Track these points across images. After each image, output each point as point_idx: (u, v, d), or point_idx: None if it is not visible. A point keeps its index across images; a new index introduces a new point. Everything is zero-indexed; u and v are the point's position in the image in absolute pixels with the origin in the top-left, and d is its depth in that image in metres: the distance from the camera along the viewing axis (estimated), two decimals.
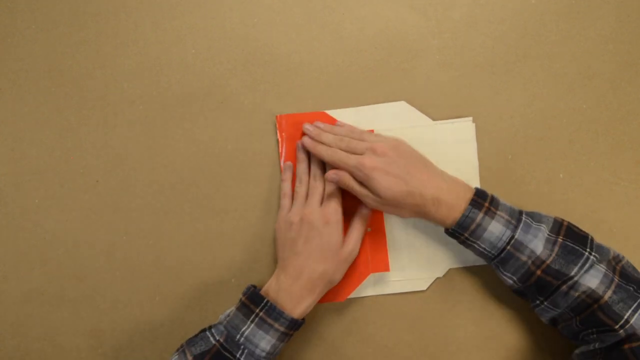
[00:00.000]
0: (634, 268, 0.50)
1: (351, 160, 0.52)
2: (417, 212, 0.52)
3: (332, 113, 0.59)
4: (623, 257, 0.50)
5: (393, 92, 0.59)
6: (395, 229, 0.58)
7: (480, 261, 0.58)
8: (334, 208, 0.53)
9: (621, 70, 0.58)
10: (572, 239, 0.49)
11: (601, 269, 0.47)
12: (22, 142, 0.60)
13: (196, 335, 0.51)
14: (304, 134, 0.58)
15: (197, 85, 0.60)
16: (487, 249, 0.50)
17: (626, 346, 0.45)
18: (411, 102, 0.59)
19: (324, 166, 0.57)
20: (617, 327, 0.46)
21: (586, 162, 0.59)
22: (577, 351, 0.49)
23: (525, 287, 0.50)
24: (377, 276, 0.58)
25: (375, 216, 0.58)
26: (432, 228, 0.58)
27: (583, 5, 0.59)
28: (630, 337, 0.45)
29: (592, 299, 0.47)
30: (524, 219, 0.50)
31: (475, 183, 0.58)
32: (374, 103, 0.59)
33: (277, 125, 0.59)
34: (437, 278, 0.58)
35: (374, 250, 0.58)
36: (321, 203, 0.54)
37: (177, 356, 0.50)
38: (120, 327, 0.60)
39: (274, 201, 0.59)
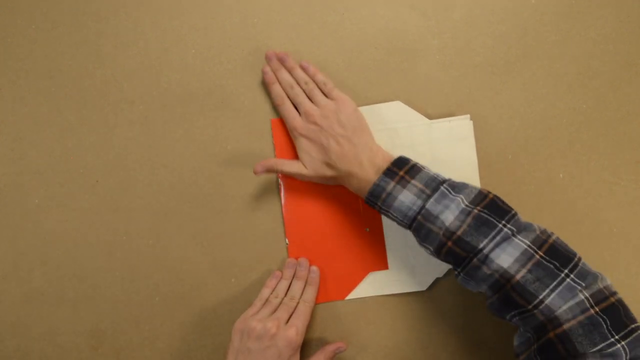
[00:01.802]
0: (565, 245, 0.46)
1: (286, 121, 0.56)
2: (336, 181, 0.56)
3: None
4: (553, 234, 0.46)
5: (393, 92, 0.59)
6: (394, 229, 0.58)
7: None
8: (302, 331, 0.53)
9: (621, 70, 0.58)
10: (490, 211, 0.47)
11: (521, 244, 0.45)
12: (22, 142, 0.60)
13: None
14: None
15: (197, 85, 0.60)
16: (398, 217, 0.50)
17: (551, 334, 0.42)
18: (411, 102, 0.59)
19: (302, 286, 0.57)
20: (530, 307, 0.43)
21: (586, 162, 0.59)
22: (515, 342, 0.47)
23: (441, 257, 0.49)
24: (377, 276, 0.58)
25: (373, 216, 0.58)
26: None
27: (583, 5, 0.59)
28: (552, 321, 0.42)
29: (504, 279, 0.44)
30: (441, 188, 0.48)
31: (475, 181, 0.58)
32: (374, 103, 0.59)
33: (272, 129, 0.59)
34: (437, 278, 0.58)
35: (372, 249, 0.58)
36: (287, 321, 0.53)
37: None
38: (120, 327, 0.60)
39: (274, 201, 0.59)
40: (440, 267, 0.58)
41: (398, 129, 0.58)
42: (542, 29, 0.59)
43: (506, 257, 0.44)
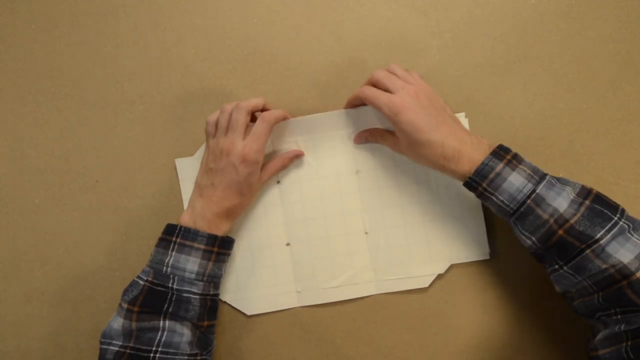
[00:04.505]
0: None
1: (383, 97, 0.51)
2: (435, 162, 0.51)
3: (330, 113, 0.58)
4: None
5: None
6: (396, 226, 0.58)
7: (481, 256, 0.58)
8: (255, 148, 0.52)
9: (621, 70, 0.58)
10: (601, 204, 0.46)
11: (639, 242, 0.43)
12: (22, 142, 0.60)
13: (127, 286, 0.52)
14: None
15: (197, 85, 0.60)
16: (505, 201, 0.47)
17: None
18: None
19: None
20: None
21: (586, 162, 0.59)
22: (599, 336, 0.45)
23: (545, 249, 0.47)
24: (378, 275, 0.58)
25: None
26: (432, 224, 0.58)
27: (583, 5, 0.59)
28: None
29: (621, 275, 0.43)
30: (548, 177, 0.47)
31: None
32: None
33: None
34: (439, 274, 0.58)
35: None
36: (243, 138, 0.53)
37: (115, 312, 0.51)
38: None
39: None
40: (442, 264, 0.58)
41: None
42: (542, 29, 0.59)
43: (625, 252, 0.43)
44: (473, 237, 0.58)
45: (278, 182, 0.59)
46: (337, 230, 0.59)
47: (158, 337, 0.50)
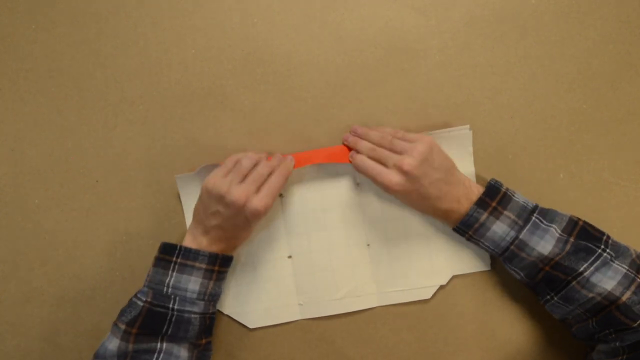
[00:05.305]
0: None
1: (376, 175, 0.52)
2: (429, 214, 0.56)
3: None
4: None
5: (393, 92, 0.59)
6: (397, 238, 0.58)
7: (483, 267, 0.58)
8: (269, 203, 0.51)
9: (621, 70, 0.58)
10: (585, 238, 0.48)
11: (621, 268, 0.47)
12: (22, 142, 0.60)
13: (125, 306, 0.51)
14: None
15: (197, 85, 0.60)
16: (490, 247, 0.51)
17: None
18: (411, 102, 0.59)
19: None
20: (635, 325, 0.45)
21: (586, 162, 0.59)
22: (598, 348, 0.49)
23: (534, 282, 0.51)
24: (380, 287, 0.58)
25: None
26: (434, 235, 0.58)
27: (583, 5, 0.59)
28: None
29: (608, 301, 0.46)
30: (533, 218, 0.49)
31: None
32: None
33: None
34: (441, 286, 0.58)
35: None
36: (257, 190, 0.52)
37: (109, 332, 0.50)
38: None
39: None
40: (444, 275, 0.58)
41: None
42: (542, 29, 0.59)
43: (608, 280, 0.46)
44: (474, 248, 0.58)
45: (280, 195, 0.59)
46: (339, 243, 0.58)
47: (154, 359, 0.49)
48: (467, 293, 0.58)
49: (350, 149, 0.57)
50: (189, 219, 0.59)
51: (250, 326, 0.59)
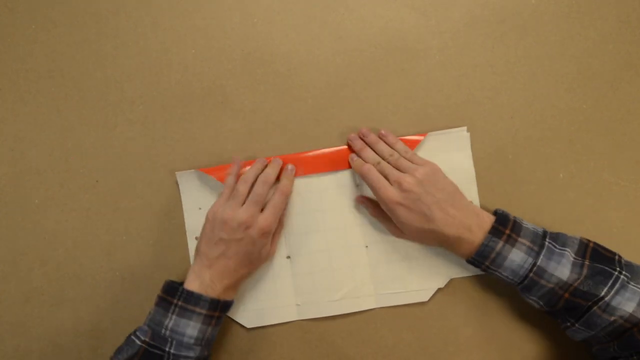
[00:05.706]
0: None
1: (378, 193, 0.53)
2: (439, 245, 0.54)
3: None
4: None
5: (393, 92, 0.59)
6: (396, 240, 0.58)
7: (481, 270, 0.58)
8: (274, 221, 0.53)
9: (621, 70, 0.58)
10: (600, 261, 0.48)
11: (637, 289, 0.46)
12: (22, 142, 0.60)
13: (122, 343, 0.51)
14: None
15: (197, 85, 0.60)
16: (509, 277, 0.50)
17: None
18: (411, 102, 0.59)
19: (275, 176, 0.56)
20: None
21: (586, 162, 0.59)
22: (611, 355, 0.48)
23: (554, 310, 0.50)
24: (378, 289, 0.58)
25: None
26: None
27: (583, 5, 0.59)
28: None
29: (630, 323, 0.46)
30: (547, 244, 0.49)
31: (473, 192, 0.58)
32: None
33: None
34: (439, 289, 0.58)
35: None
36: (261, 210, 0.54)
37: None
38: (120, 327, 0.59)
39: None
40: (442, 278, 0.58)
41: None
42: (542, 29, 0.59)
43: (627, 302, 0.46)
44: None
45: None
46: (338, 244, 0.58)
47: None
48: (466, 294, 0.58)
49: (351, 150, 0.57)
50: (188, 218, 0.59)
51: (248, 325, 0.59)
